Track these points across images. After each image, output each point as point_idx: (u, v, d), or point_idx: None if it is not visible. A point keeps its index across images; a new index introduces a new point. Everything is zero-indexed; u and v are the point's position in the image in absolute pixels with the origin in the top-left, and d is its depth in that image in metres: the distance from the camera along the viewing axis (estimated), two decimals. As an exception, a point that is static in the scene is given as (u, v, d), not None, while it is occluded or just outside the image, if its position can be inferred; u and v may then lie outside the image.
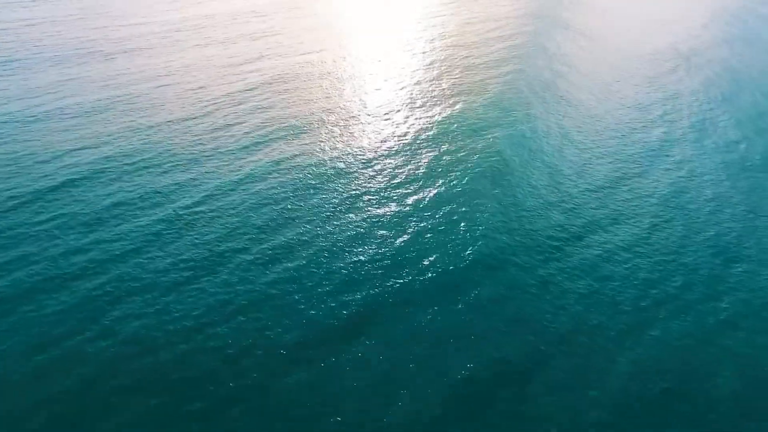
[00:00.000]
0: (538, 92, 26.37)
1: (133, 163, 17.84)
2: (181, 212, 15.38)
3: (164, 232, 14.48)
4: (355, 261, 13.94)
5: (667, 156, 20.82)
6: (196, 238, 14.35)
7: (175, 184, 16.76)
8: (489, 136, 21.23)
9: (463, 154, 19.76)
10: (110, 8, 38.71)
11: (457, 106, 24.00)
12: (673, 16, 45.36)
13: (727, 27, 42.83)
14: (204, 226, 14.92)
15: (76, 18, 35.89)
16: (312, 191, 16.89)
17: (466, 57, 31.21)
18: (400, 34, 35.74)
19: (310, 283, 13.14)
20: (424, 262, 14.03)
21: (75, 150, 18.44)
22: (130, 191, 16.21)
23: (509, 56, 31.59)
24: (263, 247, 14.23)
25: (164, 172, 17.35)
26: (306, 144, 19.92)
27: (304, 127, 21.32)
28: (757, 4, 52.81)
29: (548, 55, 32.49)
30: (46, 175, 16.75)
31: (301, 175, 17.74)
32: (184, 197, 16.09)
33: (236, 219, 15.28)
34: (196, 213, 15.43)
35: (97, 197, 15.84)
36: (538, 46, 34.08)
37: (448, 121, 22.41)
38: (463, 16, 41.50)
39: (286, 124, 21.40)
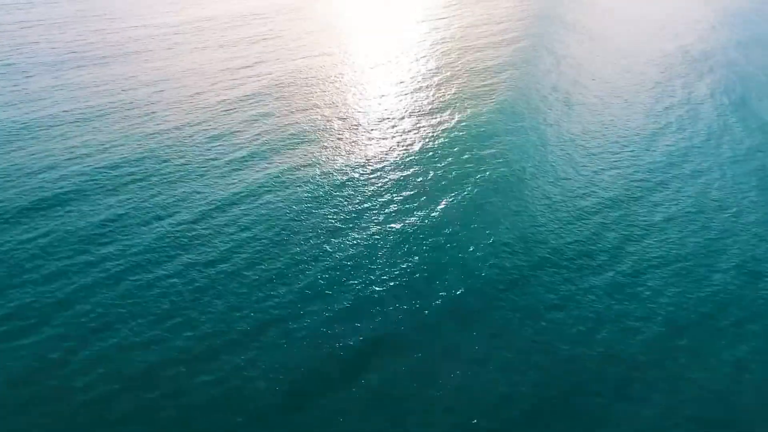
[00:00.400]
0: (547, 97, 25.57)
1: (125, 175, 17.06)
2: (173, 231, 14.58)
3: (155, 253, 13.69)
4: (358, 285, 13.14)
5: (682, 166, 19.99)
6: (189, 260, 13.56)
7: (168, 199, 15.97)
8: (498, 145, 20.42)
9: (471, 164, 18.95)
10: (107, 10, 37.99)
11: (464, 113, 23.20)
12: (679, 17, 44.48)
13: (736, 29, 41.96)
14: (198, 245, 14.13)
15: (73, 20, 35.19)
16: (312, 206, 16.10)
17: (471, 61, 30.42)
18: (403, 38, 34.96)
19: (310, 309, 12.35)
20: (433, 286, 13.23)
21: (64, 161, 17.67)
22: (120, 207, 15.42)
23: (516, 60, 30.77)
24: (260, 268, 13.43)
25: (156, 186, 16.57)
26: (306, 155, 19.13)
27: (305, 136, 20.54)
28: (763, 5, 51.92)
29: (555, 58, 31.67)
30: (32, 189, 15.97)
31: (300, 189, 16.96)
32: (176, 214, 15.29)
33: (232, 238, 14.49)
34: (190, 231, 14.63)
35: (86, 214, 15.05)
36: (545, 49, 33.27)
37: (454, 129, 21.61)
38: (466, 19, 40.70)
39: (285, 134, 20.62)
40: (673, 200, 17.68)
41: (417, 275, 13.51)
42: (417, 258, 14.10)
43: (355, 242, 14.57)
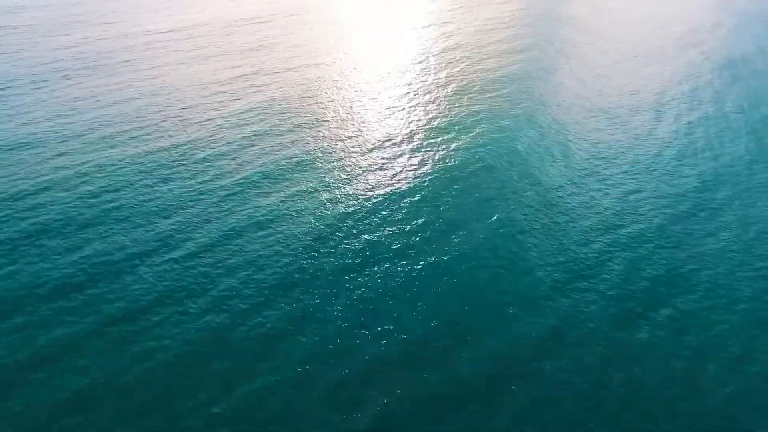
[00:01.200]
0: (568, 108, 23.84)
1: (104, 204, 15.29)
2: (157, 271, 12.81)
3: (136, 299, 11.94)
4: (370, 343, 11.36)
5: (715, 191, 18.27)
6: (176, 308, 11.82)
7: (152, 233, 14.19)
8: (520, 163, 18.66)
9: (492, 186, 17.22)
10: (100, 15, 36.27)
11: (480, 127, 21.47)
12: (688, 17, 42.73)
13: (753, 31, 40.23)
14: (185, 290, 12.37)
15: (63, 25, 33.50)
16: (316, 240, 14.33)
17: (483, 69, 28.68)
18: (408, 45, 33.24)
19: (318, 371, 10.63)
20: (457, 344, 11.48)
21: (38, 186, 15.95)
22: (101, 243, 13.68)
23: (531, 68, 29.01)
24: (257, 320, 11.69)
25: (140, 217, 14.76)
26: (309, 179, 17.37)
27: (307, 157, 18.79)
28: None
29: (571, 65, 29.95)
30: (2, 221, 14.26)
31: (302, 221, 15.20)
32: (161, 251, 13.48)
33: (225, 281, 12.71)
34: (176, 272, 12.85)
35: (60, 251, 13.31)
36: (560, 55, 31.55)
37: (471, 146, 19.87)
38: (472, 24, 38.99)
39: (285, 154, 18.88)
40: (710, 232, 15.96)
41: (438, 329, 11.78)
42: (437, 305, 12.38)
43: (364, 286, 12.84)
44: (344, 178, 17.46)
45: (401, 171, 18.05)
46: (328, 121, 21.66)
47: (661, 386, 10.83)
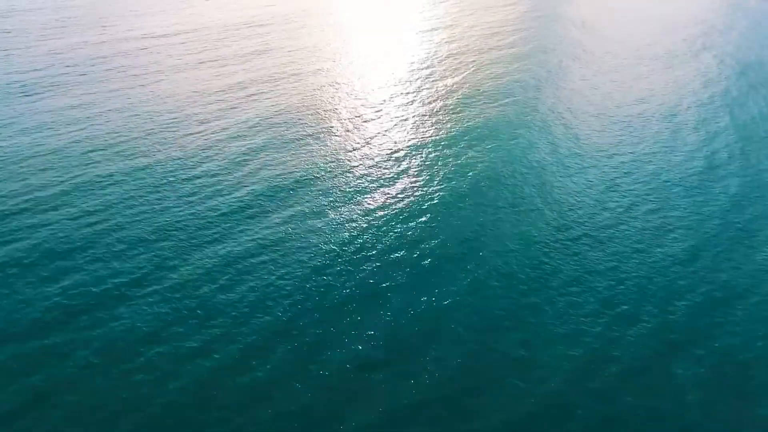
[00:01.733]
0: (580, 118, 22.68)
1: (87, 227, 14.08)
2: (144, 307, 11.57)
3: (121, 341, 10.75)
4: (378, 389, 10.14)
5: (739, 214, 17.15)
6: (161, 350, 10.65)
7: (140, 262, 12.94)
8: (536, 181, 17.47)
9: (506, 205, 16.04)
10: (95, 18, 35.17)
11: (488, 141, 20.33)
12: (694, 17, 41.59)
13: (764, 32, 39.15)
14: (175, 324, 11.20)
15: (56, 28, 32.40)
16: (316, 272, 13.04)
17: (491, 76, 27.53)
18: (411, 50, 32.13)
19: (316, 418, 9.50)
20: (477, 386, 10.33)
21: (18, 204, 14.82)
22: (81, 273, 12.48)
23: (541, 74, 27.87)
24: (252, 362, 10.54)
25: (126, 243, 13.53)
26: (308, 201, 16.16)
27: (306, 176, 17.55)
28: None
29: (583, 70, 28.81)
30: (-25, 247, 13.14)
31: (302, 246, 13.95)
32: (149, 284, 12.24)
33: (218, 317, 11.48)
34: (164, 306, 11.67)
35: (36, 283, 12.10)
36: (570, 59, 30.44)
37: (480, 162, 18.68)
38: (477, 28, 37.87)
39: (284, 172, 17.72)
40: (743, 254, 14.80)
41: (455, 371, 10.62)
42: (452, 342, 11.23)
43: (370, 321, 11.65)
44: (346, 198, 16.30)
45: (407, 188, 16.91)
46: (329, 133, 20.53)
47: (698, 427, 9.73)
